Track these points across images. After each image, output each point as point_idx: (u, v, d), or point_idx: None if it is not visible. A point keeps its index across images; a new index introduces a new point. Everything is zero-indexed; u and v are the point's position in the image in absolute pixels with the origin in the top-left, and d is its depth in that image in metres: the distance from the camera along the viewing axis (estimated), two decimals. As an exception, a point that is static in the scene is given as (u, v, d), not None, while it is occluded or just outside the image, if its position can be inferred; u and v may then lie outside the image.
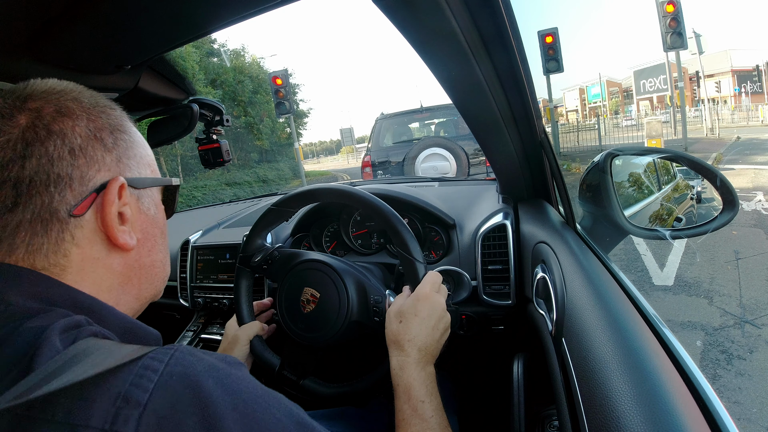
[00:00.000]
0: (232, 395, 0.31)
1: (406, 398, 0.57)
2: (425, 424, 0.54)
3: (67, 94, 0.40)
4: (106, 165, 0.40)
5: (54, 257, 0.37)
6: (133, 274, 0.44)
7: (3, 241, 0.36)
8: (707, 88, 21.68)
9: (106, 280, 0.41)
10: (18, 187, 0.35)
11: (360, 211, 1.17)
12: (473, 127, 0.90)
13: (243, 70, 13.57)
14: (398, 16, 0.55)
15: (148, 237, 0.45)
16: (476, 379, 1.20)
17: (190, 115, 1.00)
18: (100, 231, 0.40)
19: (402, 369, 0.61)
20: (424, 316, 0.65)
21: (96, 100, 0.42)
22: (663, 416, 0.37)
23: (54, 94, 0.39)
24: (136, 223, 0.43)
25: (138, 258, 0.44)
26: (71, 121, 0.38)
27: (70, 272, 0.38)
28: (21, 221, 0.36)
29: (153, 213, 0.46)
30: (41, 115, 0.37)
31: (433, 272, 0.72)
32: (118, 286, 0.42)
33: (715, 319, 2.53)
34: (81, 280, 0.39)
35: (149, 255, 0.45)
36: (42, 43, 0.55)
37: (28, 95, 0.38)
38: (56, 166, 0.37)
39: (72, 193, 0.37)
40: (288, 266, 0.83)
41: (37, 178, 0.36)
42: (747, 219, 4.23)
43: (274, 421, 0.33)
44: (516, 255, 0.95)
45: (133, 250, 0.43)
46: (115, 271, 0.42)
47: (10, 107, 0.37)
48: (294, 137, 10.34)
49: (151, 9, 0.54)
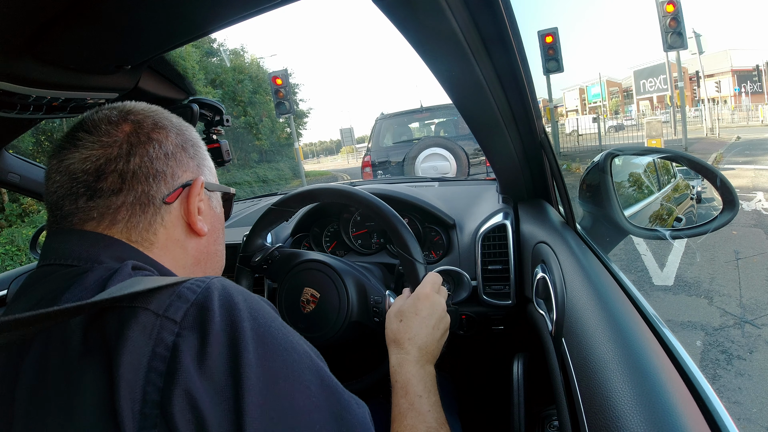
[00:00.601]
0: (252, 311, 0.38)
1: (403, 393, 0.58)
2: (421, 417, 0.54)
3: (161, 113, 0.52)
4: (190, 168, 0.51)
5: (146, 234, 0.47)
6: (202, 258, 0.53)
7: (106, 218, 0.45)
8: (707, 88, 21.67)
9: (182, 258, 0.50)
10: (123, 176, 0.45)
11: (360, 211, 1.17)
12: (473, 127, 0.90)
13: (243, 69, 13.57)
14: (398, 16, 0.55)
15: (214, 229, 0.55)
16: (476, 379, 1.20)
17: (190, 115, 1.00)
18: (183, 218, 0.50)
19: (401, 366, 0.61)
20: (424, 315, 0.65)
21: (180, 122, 0.53)
22: (663, 416, 0.37)
23: (151, 112, 0.50)
24: (207, 217, 0.53)
25: (207, 245, 0.54)
26: (165, 132, 0.49)
27: (157, 247, 0.48)
28: (123, 203, 0.45)
29: (219, 212, 0.57)
30: (142, 125, 0.48)
31: (434, 273, 0.72)
32: (191, 265, 0.52)
33: (715, 319, 2.53)
34: (163, 255, 0.48)
35: (214, 244, 0.56)
36: (42, 43, 0.55)
37: (129, 110, 0.49)
38: (155, 164, 0.47)
39: (166, 185, 0.48)
40: (288, 266, 0.83)
41: (140, 172, 0.46)
42: (747, 219, 4.24)
43: (292, 349, 0.38)
44: (516, 255, 0.95)
45: (204, 237, 0.52)
46: (189, 253, 0.51)
47: (117, 117, 0.48)
48: (294, 137, 10.34)
49: (151, 9, 0.54)
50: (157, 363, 0.33)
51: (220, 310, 0.36)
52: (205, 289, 0.37)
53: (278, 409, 0.34)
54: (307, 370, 0.38)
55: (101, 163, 0.45)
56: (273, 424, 0.33)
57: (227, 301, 0.37)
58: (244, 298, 0.39)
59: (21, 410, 0.35)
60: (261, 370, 0.34)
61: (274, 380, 0.35)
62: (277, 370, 0.36)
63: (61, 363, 0.34)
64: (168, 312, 0.35)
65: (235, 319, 0.36)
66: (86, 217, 0.45)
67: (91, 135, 0.46)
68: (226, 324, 0.35)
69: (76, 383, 0.33)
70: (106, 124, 0.47)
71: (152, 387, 0.32)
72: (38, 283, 0.42)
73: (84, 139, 0.46)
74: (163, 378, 0.32)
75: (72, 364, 0.34)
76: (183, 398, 0.32)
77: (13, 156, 1.07)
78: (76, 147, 0.45)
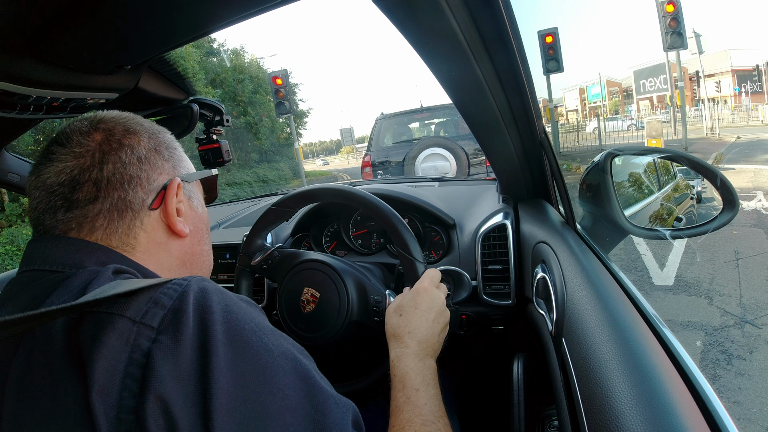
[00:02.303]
0: (226, 314, 0.37)
1: (401, 387, 0.57)
2: (417, 411, 0.54)
3: (132, 119, 0.52)
4: (165, 170, 0.51)
5: (126, 238, 0.47)
6: (188, 259, 0.54)
7: (84, 226, 0.46)
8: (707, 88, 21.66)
9: (166, 261, 0.51)
10: (98, 184, 0.46)
11: (360, 211, 1.17)
12: (473, 127, 0.90)
13: (243, 69, 13.57)
14: (398, 16, 0.55)
15: (197, 229, 0.56)
16: (476, 379, 1.20)
17: (190, 115, 1.00)
18: (162, 221, 0.50)
19: (399, 360, 0.60)
20: (424, 309, 0.65)
21: (152, 126, 0.53)
22: (663, 416, 0.37)
23: (121, 119, 0.51)
24: (188, 218, 0.54)
25: (191, 246, 0.54)
26: (137, 137, 0.50)
27: (139, 251, 0.48)
28: (101, 210, 0.46)
29: (200, 211, 0.57)
30: (113, 133, 0.48)
31: (433, 269, 0.72)
32: (177, 267, 0.52)
33: (715, 319, 2.53)
34: (147, 258, 0.49)
35: (199, 244, 0.56)
36: (42, 43, 0.55)
37: (100, 119, 0.50)
38: (128, 169, 0.48)
39: (142, 190, 0.48)
40: (288, 266, 0.83)
41: (114, 178, 0.47)
42: (747, 219, 4.24)
43: (265, 351, 0.38)
44: (516, 255, 0.95)
45: (186, 238, 0.53)
46: (174, 254, 0.52)
47: (87, 127, 0.48)
48: (294, 137, 10.33)
49: (151, 9, 0.54)
50: (134, 369, 0.33)
51: (194, 314, 0.36)
52: (182, 294, 0.37)
53: (247, 412, 0.34)
54: (281, 372, 0.37)
55: (75, 173, 0.45)
56: (242, 427, 0.33)
57: (202, 305, 0.37)
58: (220, 299, 0.38)
59: (9, 410, 0.35)
60: (230, 373, 0.34)
61: (243, 384, 0.35)
62: (248, 374, 0.35)
63: (45, 365, 0.35)
64: (145, 318, 0.35)
65: (207, 322, 0.36)
66: (66, 228, 0.46)
67: (65, 147, 0.47)
68: (198, 328, 0.36)
69: (57, 386, 0.34)
70: (78, 135, 0.47)
71: (128, 393, 0.33)
72: (23, 289, 0.42)
73: (57, 152, 0.46)
74: (139, 384, 0.33)
75: (54, 367, 0.35)
76: (156, 404, 0.32)
77: (13, 156, 1.07)
78: (51, 161, 0.46)
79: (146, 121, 0.53)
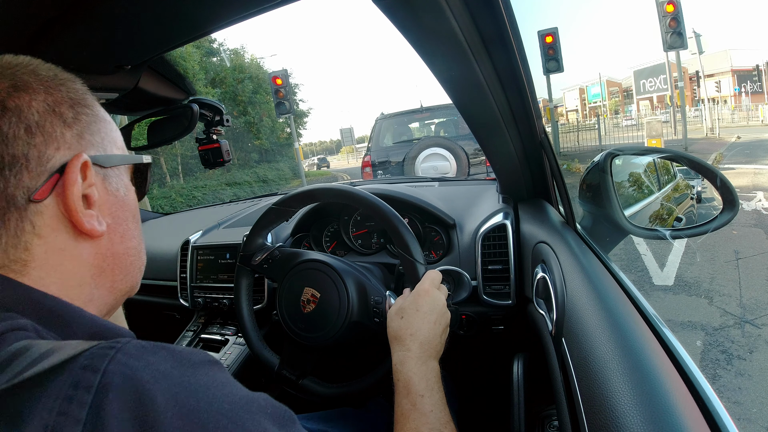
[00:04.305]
0: (180, 407, 0.27)
1: (406, 393, 0.57)
2: (424, 419, 0.53)
3: (24, 67, 0.36)
4: (66, 142, 0.36)
5: (14, 252, 0.33)
6: (106, 265, 0.39)
7: None
8: (707, 88, 21.66)
9: (76, 273, 0.36)
10: None
11: (360, 211, 1.17)
12: (473, 127, 0.90)
13: (243, 69, 13.57)
14: (398, 16, 0.55)
15: (119, 222, 0.41)
16: (476, 379, 1.20)
17: (190, 115, 1.00)
18: (64, 217, 0.35)
19: (402, 364, 0.60)
20: (425, 310, 0.65)
21: (55, 73, 0.38)
22: (663, 416, 0.37)
23: (9, 69, 0.35)
24: (104, 207, 0.39)
25: (110, 246, 0.39)
26: (28, 96, 0.34)
27: (33, 268, 0.34)
28: None
29: (123, 194, 0.42)
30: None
31: (433, 270, 0.72)
32: (90, 279, 0.38)
33: (715, 319, 2.53)
34: (46, 276, 0.34)
35: (122, 242, 0.41)
36: (42, 43, 0.55)
37: None
38: (11, 147, 0.33)
39: (29, 175, 0.33)
40: (288, 266, 0.83)
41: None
42: (747, 219, 4.23)
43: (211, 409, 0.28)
44: (516, 255, 0.95)
45: (103, 237, 0.38)
46: (85, 262, 0.37)
47: None
48: (294, 137, 10.33)
49: (151, 9, 0.54)
50: None
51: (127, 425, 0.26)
52: (99, 391, 0.26)
53: None
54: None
55: None
56: None
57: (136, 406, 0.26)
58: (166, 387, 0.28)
59: None
60: None
61: None
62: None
63: None
64: None
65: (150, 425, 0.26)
66: None
67: None
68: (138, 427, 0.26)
69: None
70: None
71: None
72: None
73: None
74: None
75: None
76: None
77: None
78: None
79: (47, 65, 0.38)
